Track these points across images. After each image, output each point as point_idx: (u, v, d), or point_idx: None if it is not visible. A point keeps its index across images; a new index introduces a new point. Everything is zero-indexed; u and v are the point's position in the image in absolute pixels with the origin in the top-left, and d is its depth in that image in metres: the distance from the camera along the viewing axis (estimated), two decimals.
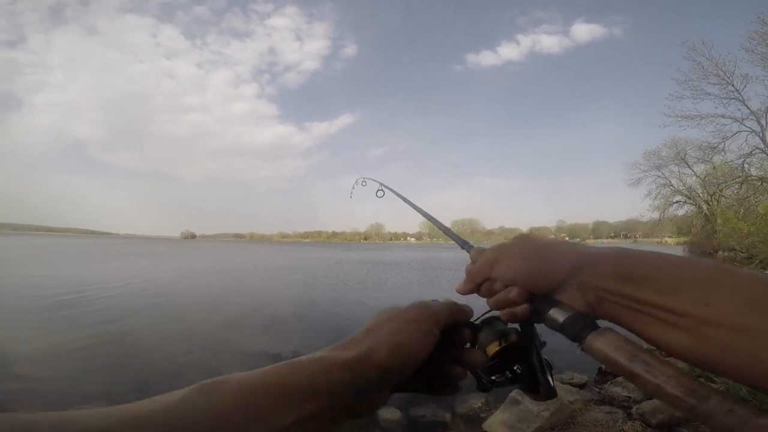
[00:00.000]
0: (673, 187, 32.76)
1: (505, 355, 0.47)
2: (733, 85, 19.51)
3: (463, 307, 0.47)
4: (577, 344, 0.39)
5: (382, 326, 0.39)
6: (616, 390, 3.70)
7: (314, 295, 11.34)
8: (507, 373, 0.47)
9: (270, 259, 30.75)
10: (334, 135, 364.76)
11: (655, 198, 32.97)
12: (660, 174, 32.71)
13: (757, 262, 14.16)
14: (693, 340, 0.33)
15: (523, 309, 0.44)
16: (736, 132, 20.65)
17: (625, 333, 0.38)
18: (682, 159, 30.64)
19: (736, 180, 22.38)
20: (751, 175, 21.22)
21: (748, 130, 20.26)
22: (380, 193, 1.02)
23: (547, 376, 0.47)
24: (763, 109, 19.32)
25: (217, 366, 5.04)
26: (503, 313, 0.47)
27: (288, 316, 8.29)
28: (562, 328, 0.41)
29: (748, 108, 19.76)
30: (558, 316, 0.42)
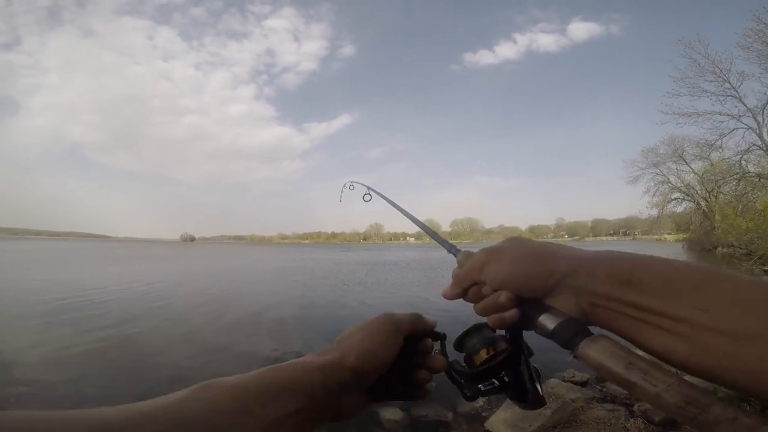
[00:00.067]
0: (672, 184, 32.91)
1: (493, 363, 0.47)
2: (729, 83, 19.53)
3: (425, 318, 0.49)
4: (569, 351, 0.38)
5: (352, 335, 0.43)
6: (617, 388, 3.70)
7: (314, 297, 11.32)
8: (494, 381, 0.47)
9: (269, 261, 30.70)
10: (333, 136, 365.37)
11: (654, 195, 33.13)
12: (658, 171, 32.88)
13: (756, 258, 14.16)
14: (691, 347, 0.32)
15: (512, 314, 0.43)
16: (733, 129, 20.71)
17: (619, 340, 0.37)
18: (680, 156, 30.76)
19: (734, 177, 22.42)
20: (749, 172, 21.27)
21: (745, 127, 20.31)
22: (367, 197, 1.01)
23: (536, 384, 0.46)
24: (759, 106, 19.34)
25: (220, 369, 5.03)
26: (491, 319, 0.45)
27: (288, 318, 8.28)
28: (552, 335, 0.40)
29: (745, 105, 19.82)
30: (548, 322, 0.40)
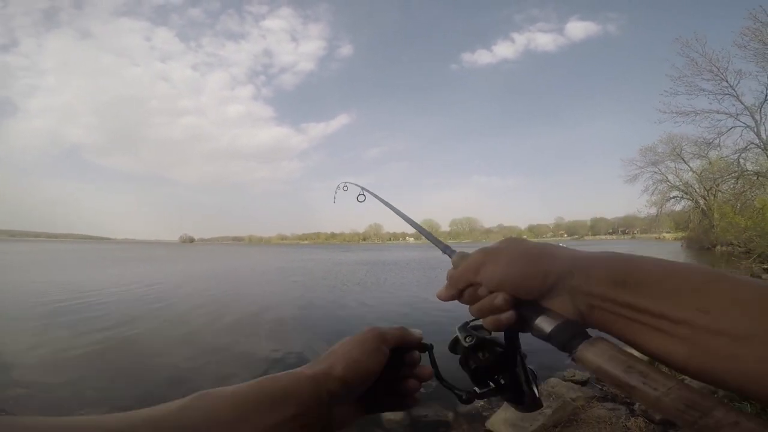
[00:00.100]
0: (670, 182, 33.02)
1: (488, 365, 0.47)
2: (726, 81, 19.64)
3: (411, 331, 0.50)
4: (567, 354, 0.37)
5: (341, 347, 0.45)
6: None
7: (313, 297, 11.31)
8: (490, 383, 0.46)
9: (268, 262, 30.65)
10: (331, 136, 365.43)
11: (652, 194, 33.26)
12: (656, 170, 33.00)
13: (755, 256, 14.20)
14: (691, 350, 0.31)
15: (508, 317, 0.42)
16: (731, 127, 20.82)
17: (618, 342, 0.36)
18: (678, 155, 30.85)
19: (732, 175, 22.51)
20: (747, 170, 21.35)
21: (743, 125, 20.41)
22: (361, 198, 1.01)
23: (532, 386, 0.46)
24: (757, 105, 19.45)
25: (220, 370, 5.03)
26: (487, 321, 0.44)
27: (287, 319, 8.27)
28: (549, 338, 0.39)
29: (742, 103, 19.91)
30: (545, 324, 0.39)
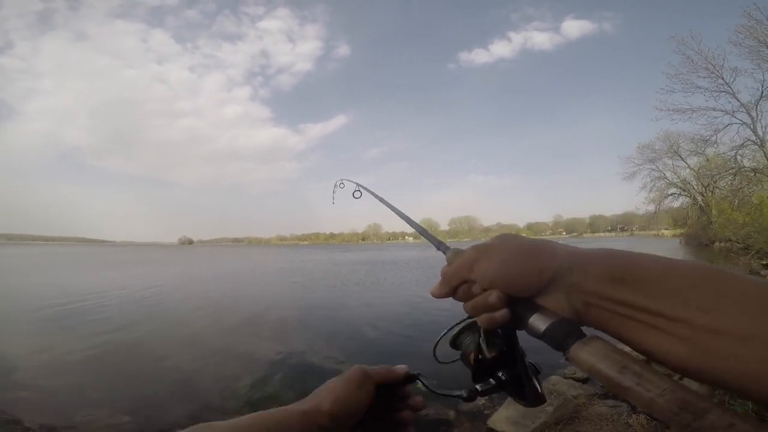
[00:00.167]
0: (668, 179, 33.05)
1: (489, 361, 0.46)
2: (722, 78, 19.66)
3: (394, 368, 0.53)
4: (562, 353, 0.37)
5: (328, 386, 0.49)
6: None
7: (313, 298, 11.33)
8: (490, 380, 0.46)
9: (268, 263, 30.66)
10: (329, 136, 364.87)
11: (650, 191, 33.31)
12: (654, 167, 33.02)
13: (754, 252, 14.24)
14: (690, 349, 0.31)
15: (502, 314, 0.41)
16: (728, 124, 20.85)
17: (614, 341, 0.36)
18: (676, 152, 30.91)
19: (730, 171, 22.57)
20: (744, 167, 21.42)
21: (739, 122, 20.45)
22: (357, 194, 1.01)
23: (534, 381, 0.45)
24: (753, 102, 19.50)
25: (221, 372, 5.03)
26: (481, 319, 0.43)
27: (288, 320, 8.28)
28: (544, 336, 0.38)
29: (739, 100, 19.95)
30: (540, 322, 0.39)
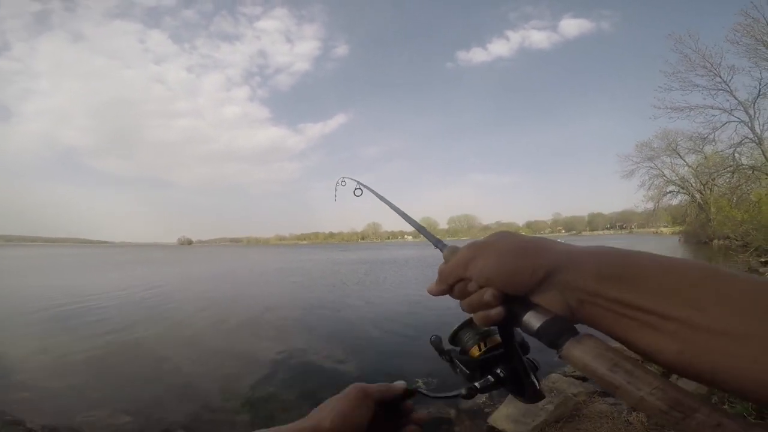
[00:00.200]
0: (666, 177, 33.13)
1: (488, 357, 0.47)
2: (720, 77, 19.70)
3: (393, 385, 0.54)
4: (555, 351, 0.37)
5: (328, 404, 0.50)
6: None
7: (313, 298, 11.35)
8: (489, 377, 0.47)
9: (267, 263, 30.65)
10: (329, 135, 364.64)
11: (649, 189, 33.39)
12: (652, 165, 33.10)
13: (753, 249, 14.28)
14: (682, 348, 0.31)
15: (497, 312, 0.42)
16: (726, 122, 20.88)
17: (608, 339, 0.36)
18: (674, 150, 30.95)
19: (728, 169, 22.62)
20: (742, 164, 21.47)
21: (737, 120, 20.48)
22: (358, 192, 1.01)
23: (532, 377, 0.45)
24: (750, 100, 19.53)
25: (222, 373, 5.05)
26: (477, 317, 0.44)
27: (288, 320, 8.31)
28: (538, 334, 0.38)
29: (736, 99, 19.98)
30: (534, 320, 0.39)
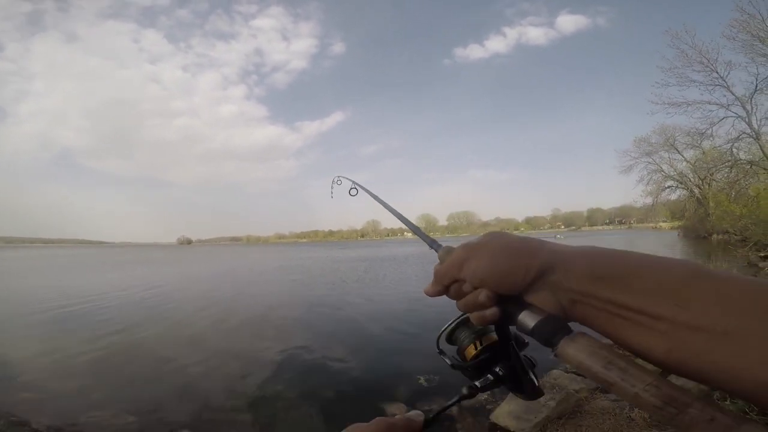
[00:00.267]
0: (665, 172, 33.18)
1: (485, 356, 0.48)
2: (717, 72, 19.67)
3: (415, 418, 0.49)
4: (550, 349, 0.38)
5: None
6: None
7: (313, 296, 11.37)
8: (488, 376, 0.47)
9: (267, 262, 30.67)
10: (326, 133, 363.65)
11: (647, 184, 33.42)
12: (651, 160, 33.13)
13: (752, 244, 14.32)
14: (670, 345, 0.32)
15: (492, 312, 0.43)
16: (723, 118, 20.86)
17: (600, 337, 0.37)
18: (672, 145, 30.99)
19: (726, 164, 22.65)
20: (740, 159, 21.48)
21: (735, 115, 20.45)
22: (353, 191, 1.01)
23: (530, 374, 0.46)
24: (747, 95, 19.49)
25: (226, 373, 5.06)
26: (473, 317, 0.45)
27: (288, 319, 8.32)
28: (533, 333, 0.39)
29: (733, 94, 19.96)
30: (528, 320, 0.40)
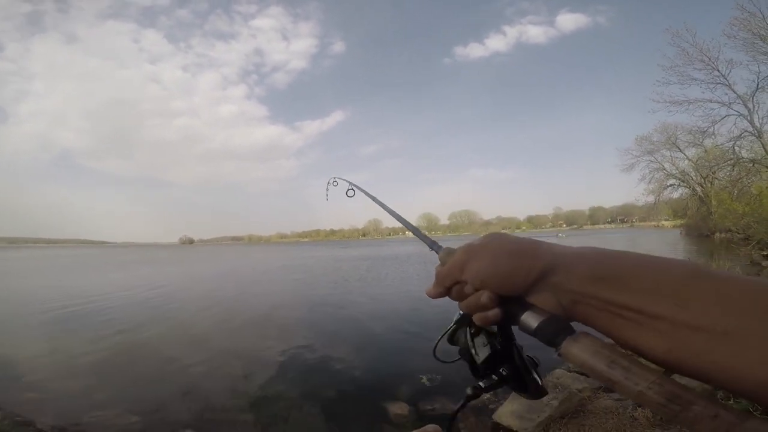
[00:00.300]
0: (667, 171, 33.07)
1: (487, 357, 0.48)
2: (718, 70, 19.56)
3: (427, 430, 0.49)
4: (554, 349, 0.38)
5: None
6: None
7: (316, 295, 11.40)
8: (493, 376, 0.47)
9: (269, 261, 30.73)
10: (327, 133, 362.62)
11: (649, 182, 33.35)
12: (652, 159, 33.03)
13: (755, 242, 14.27)
14: (669, 345, 0.32)
15: (495, 313, 0.43)
16: (725, 116, 20.74)
17: (601, 336, 0.37)
18: (674, 143, 30.90)
19: (728, 162, 22.54)
20: (743, 158, 21.38)
21: (736, 113, 20.32)
22: (350, 193, 1.01)
23: (533, 374, 0.47)
24: (749, 93, 19.38)
25: (230, 373, 5.08)
26: (475, 318, 0.45)
27: (291, 319, 8.36)
28: (536, 333, 0.40)
29: (735, 92, 19.84)
30: (531, 320, 0.40)
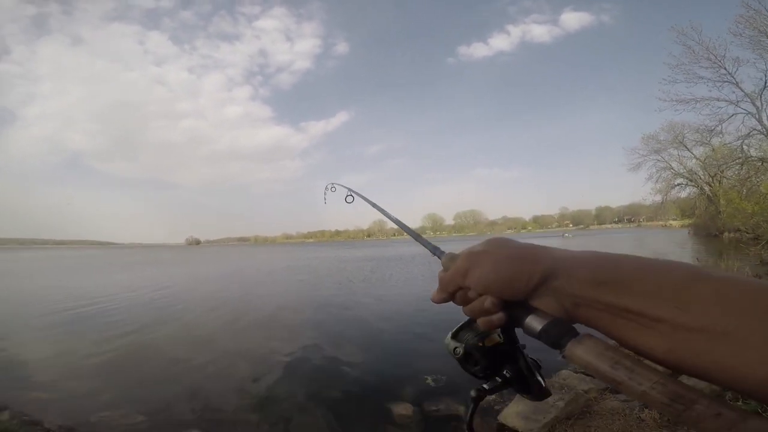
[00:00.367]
0: (674, 170, 32.70)
1: (492, 357, 0.49)
2: (725, 69, 19.30)
3: None
4: (558, 351, 0.39)
5: None
6: None
7: (321, 296, 11.43)
8: (497, 378, 0.48)
9: (275, 262, 30.85)
10: (331, 133, 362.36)
11: (657, 181, 32.96)
12: (659, 158, 32.65)
13: (764, 242, 14.06)
14: (670, 346, 0.33)
15: (499, 318, 0.44)
16: (732, 114, 20.46)
17: (604, 338, 0.38)
18: (681, 142, 30.58)
19: (737, 161, 22.23)
20: (751, 156, 21.06)
21: (744, 112, 20.05)
22: (350, 199, 1.01)
23: (537, 376, 0.48)
24: (757, 92, 19.11)
25: (235, 373, 5.10)
26: (480, 322, 0.46)
27: (296, 319, 8.37)
28: (540, 336, 0.41)
29: (743, 90, 19.56)
30: (535, 323, 0.41)
